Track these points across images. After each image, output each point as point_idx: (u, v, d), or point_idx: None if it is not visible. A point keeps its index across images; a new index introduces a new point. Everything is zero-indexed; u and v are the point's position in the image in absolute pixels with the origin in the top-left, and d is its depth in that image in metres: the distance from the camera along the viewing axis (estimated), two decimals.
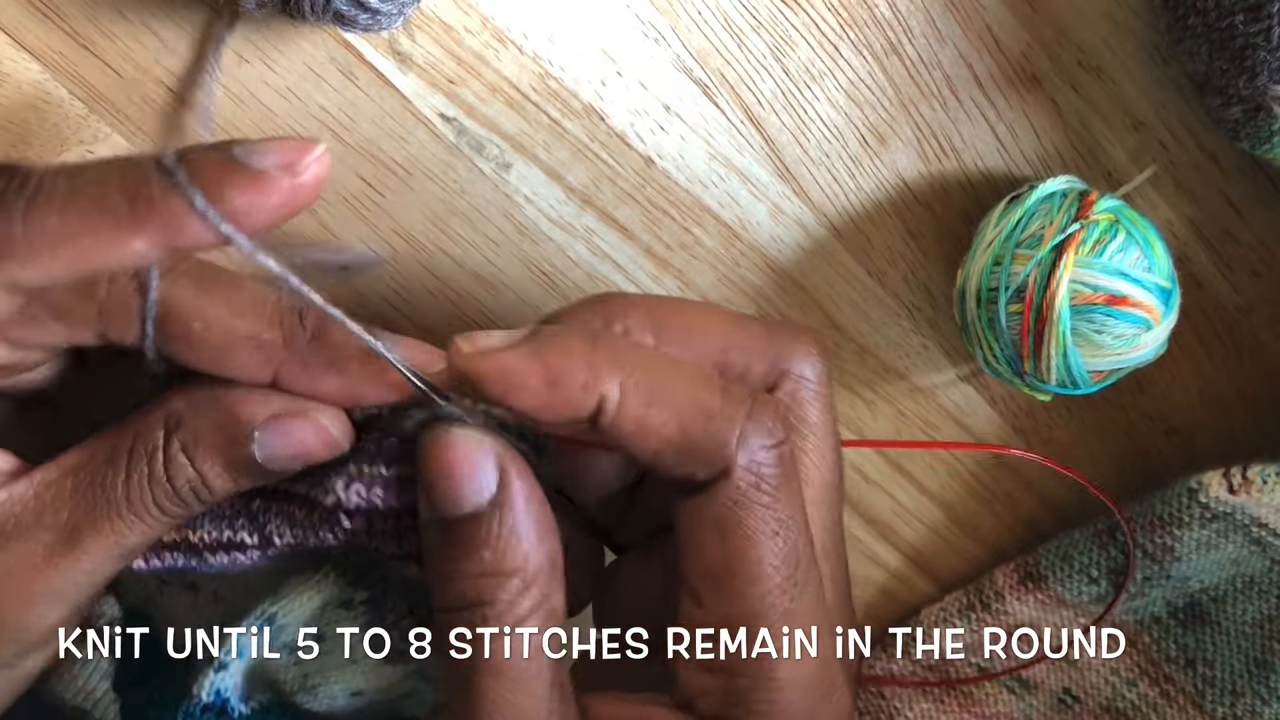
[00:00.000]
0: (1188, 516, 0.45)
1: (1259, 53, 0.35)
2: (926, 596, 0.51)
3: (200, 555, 0.31)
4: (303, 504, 0.30)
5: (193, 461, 0.29)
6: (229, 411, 0.29)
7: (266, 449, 0.29)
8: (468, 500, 0.28)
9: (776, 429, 0.28)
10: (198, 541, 0.31)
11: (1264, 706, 0.47)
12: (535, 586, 0.28)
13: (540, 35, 0.37)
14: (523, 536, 0.28)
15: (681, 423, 0.27)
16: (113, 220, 0.26)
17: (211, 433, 0.29)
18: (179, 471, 0.29)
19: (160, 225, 0.25)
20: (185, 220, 0.25)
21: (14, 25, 0.35)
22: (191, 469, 0.29)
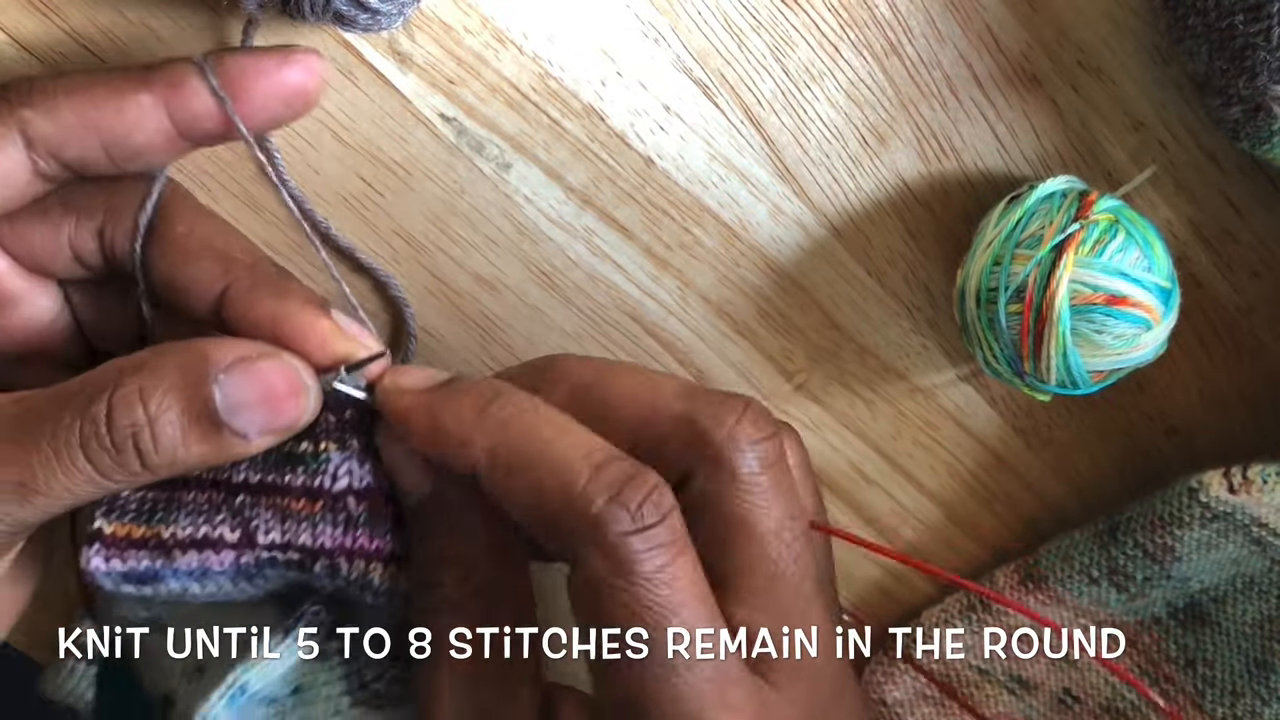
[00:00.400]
0: (1188, 516, 0.45)
1: (1259, 53, 0.35)
2: (926, 596, 0.51)
3: (169, 555, 0.30)
4: (301, 495, 0.30)
5: (145, 403, 0.27)
6: (194, 350, 0.28)
7: (230, 395, 0.28)
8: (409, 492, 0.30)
9: (646, 512, 0.27)
10: (169, 538, 0.30)
11: (1264, 707, 0.47)
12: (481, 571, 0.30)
13: (540, 35, 0.37)
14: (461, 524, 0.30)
15: (539, 498, 0.28)
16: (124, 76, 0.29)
17: (173, 371, 0.28)
18: (125, 413, 0.27)
19: (164, 83, 0.29)
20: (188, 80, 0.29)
21: (14, 25, 0.35)
22: (140, 410, 0.27)
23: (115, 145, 0.29)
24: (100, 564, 0.30)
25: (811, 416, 0.46)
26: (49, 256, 0.32)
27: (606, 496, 0.27)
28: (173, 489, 0.31)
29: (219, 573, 0.30)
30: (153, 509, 0.31)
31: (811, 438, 0.46)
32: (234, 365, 0.28)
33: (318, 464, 0.30)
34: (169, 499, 0.31)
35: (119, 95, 0.29)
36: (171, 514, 0.30)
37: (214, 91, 0.29)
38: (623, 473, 0.27)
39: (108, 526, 0.30)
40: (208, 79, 0.29)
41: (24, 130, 0.29)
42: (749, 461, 0.30)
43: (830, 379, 0.45)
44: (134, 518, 0.30)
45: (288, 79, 0.30)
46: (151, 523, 0.30)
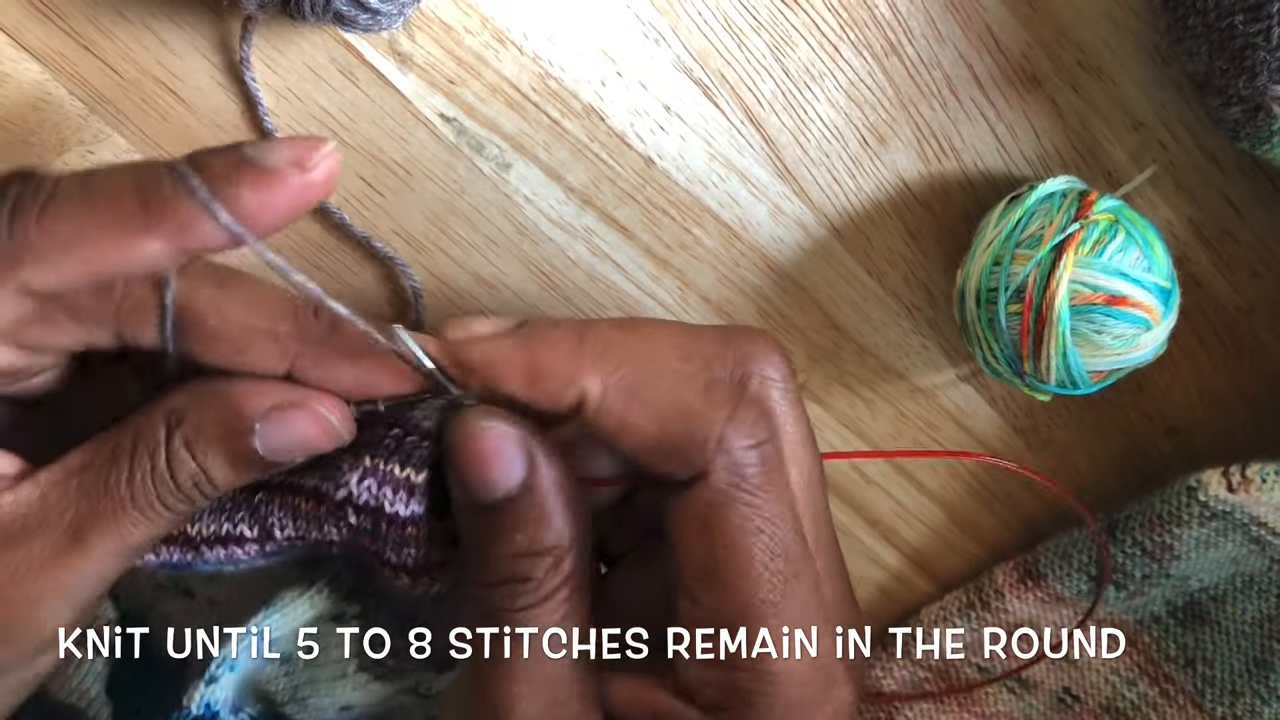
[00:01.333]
0: (1187, 515, 0.45)
1: (1259, 53, 0.35)
2: (926, 596, 0.51)
3: (197, 549, 0.31)
4: (310, 496, 0.30)
5: (194, 456, 0.29)
6: (229, 404, 0.29)
7: (267, 440, 0.29)
8: (499, 486, 0.29)
9: (759, 429, 0.28)
10: (195, 535, 0.31)
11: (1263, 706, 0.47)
12: (567, 562, 0.29)
13: (540, 35, 0.37)
14: (553, 516, 0.29)
15: (661, 422, 0.28)
16: (126, 222, 0.26)
17: (212, 426, 0.29)
18: (181, 466, 0.29)
19: (173, 226, 0.26)
20: (198, 221, 0.26)
21: (14, 25, 0.35)
22: (193, 463, 0.29)
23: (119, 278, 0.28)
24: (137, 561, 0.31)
25: (811, 416, 0.45)
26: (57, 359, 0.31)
27: (725, 414, 0.28)
28: None
29: (245, 560, 0.31)
30: None
31: None
32: (269, 414, 0.29)
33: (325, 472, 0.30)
34: None
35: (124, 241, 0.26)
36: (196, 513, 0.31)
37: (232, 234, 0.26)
38: (730, 391, 0.28)
39: None
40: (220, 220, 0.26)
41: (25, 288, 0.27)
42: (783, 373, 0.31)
43: (830, 379, 0.45)
44: None
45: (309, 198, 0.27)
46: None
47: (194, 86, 0.36)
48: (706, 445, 0.28)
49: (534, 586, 0.29)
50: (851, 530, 0.49)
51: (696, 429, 0.28)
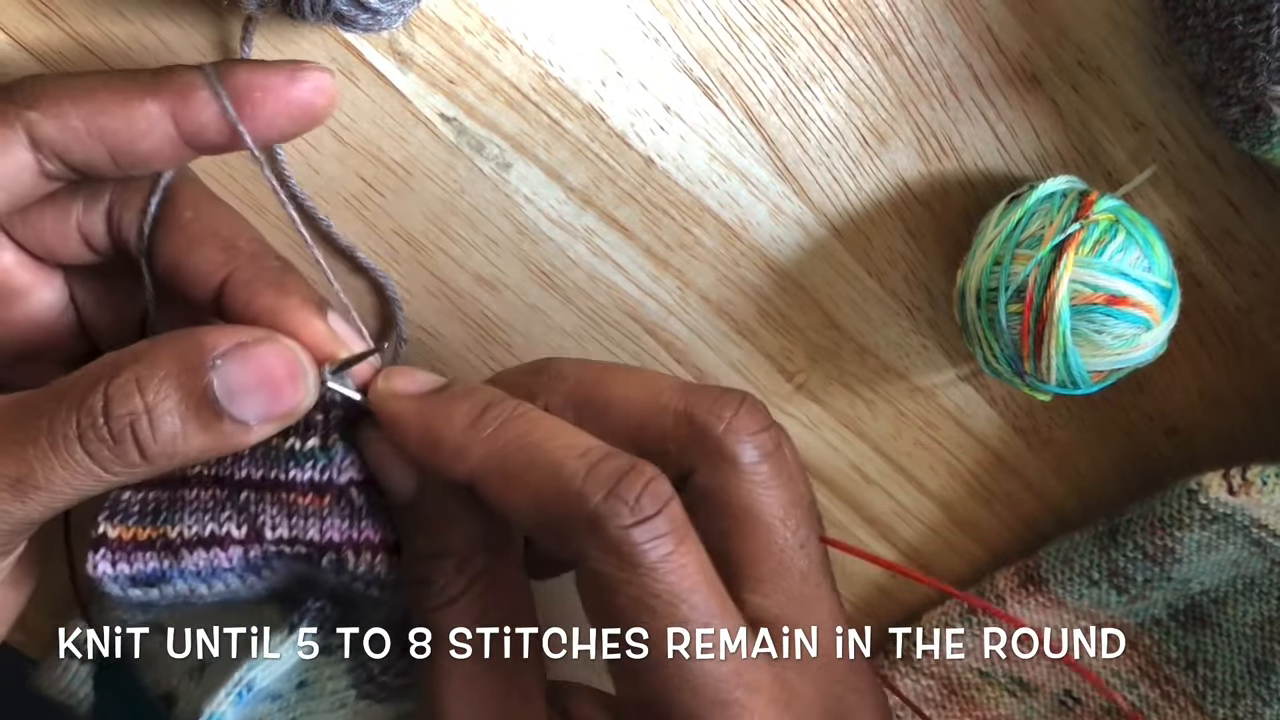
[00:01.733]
0: (1188, 518, 0.45)
1: (1258, 53, 0.35)
2: (926, 597, 0.51)
3: (177, 555, 0.30)
4: (309, 490, 0.30)
5: (143, 392, 0.27)
6: (192, 338, 0.28)
7: (228, 380, 0.27)
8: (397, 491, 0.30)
9: (644, 504, 0.27)
10: (175, 538, 0.30)
11: (1265, 708, 0.47)
12: (472, 564, 0.30)
13: (540, 35, 0.37)
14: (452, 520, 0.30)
15: (537, 502, 0.28)
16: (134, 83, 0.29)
17: (170, 359, 0.28)
18: (122, 402, 0.27)
19: (172, 92, 0.29)
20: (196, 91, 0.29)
21: (14, 25, 0.35)
22: (138, 399, 0.27)
23: (121, 151, 0.29)
24: (107, 568, 0.30)
25: (811, 416, 0.46)
26: (57, 240, 0.32)
27: (603, 492, 0.27)
28: (175, 488, 0.31)
29: (227, 570, 0.30)
30: (157, 510, 0.30)
31: (811, 438, 0.46)
32: (231, 351, 0.28)
33: (327, 458, 0.30)
34: (172, 499, 0.30)
35: (126, 102, 0.29)
36: (176, 514, 0.30)
37: (221, 103, 0.29)
38: (618, 468, 0.28)
39: (112, 530, 0.30)
40: (215, 90, 0.29)
41: (30, 132, 0.29)
42: (749, 452, 0.30)
43: (830, 379, 0.45)
44: (138, 520, 0.30)
45: (297, 95, 0.30)
46: (157, 523, 0.30)
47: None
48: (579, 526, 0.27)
49: (440, 589, 0.30)
50: (851, 530, 0.49)
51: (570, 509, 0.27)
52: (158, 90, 0.29)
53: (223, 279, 0.30)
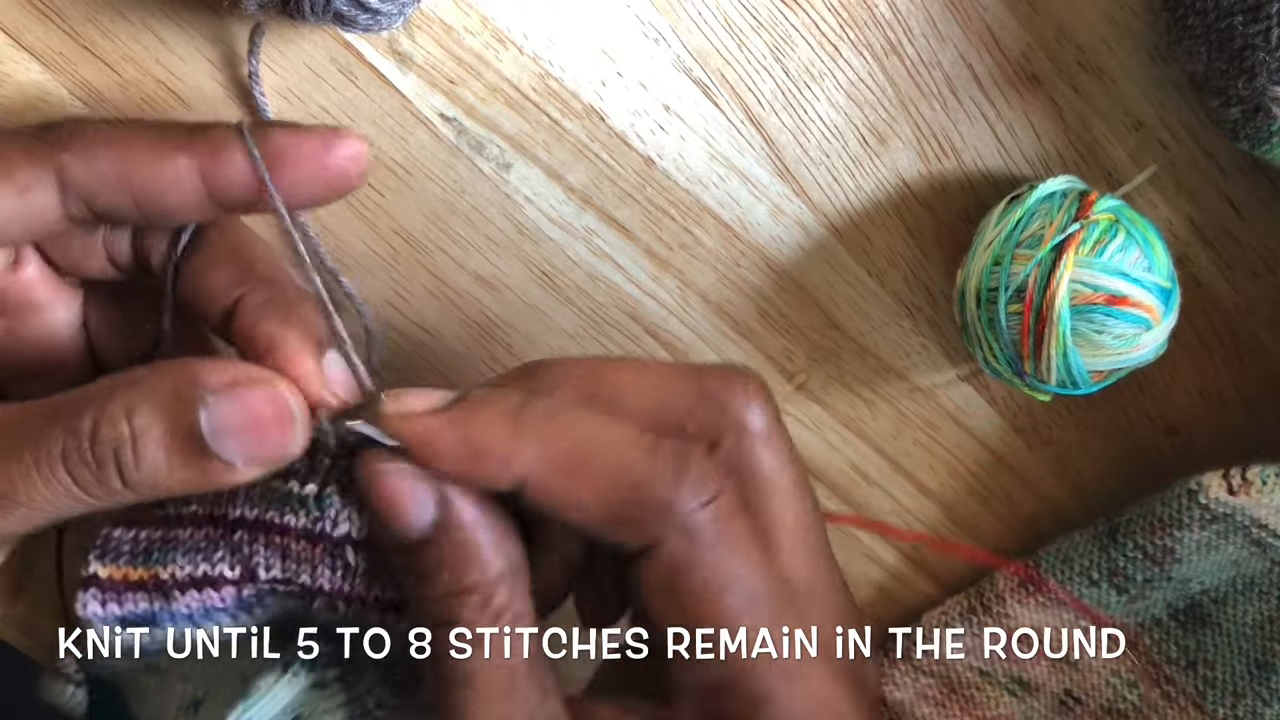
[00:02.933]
0: (1188, 518, 0.45)
1: (1258, 53, 0.35)
2: (926, 597, 0.51)
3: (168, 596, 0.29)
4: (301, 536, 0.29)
5: (131, 420, 0.27)
6: (186, 371, 0.28)
7: (216, 418, 0.27)
8: (412, 526, 0.28)
9: (709, 483, 0.27)
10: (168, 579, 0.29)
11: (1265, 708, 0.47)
12: (497, 597, 0.28)
13: (540, 35, 0.37)
14: (475, 552, 0.28)
15: (605, 496, 0.27)
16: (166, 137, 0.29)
17: (162, 389, 0.27)
18: (110, 428, 0.27)
19: (204, 147, 0.29)
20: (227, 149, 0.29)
21: (14, 25, 0.35)
22: (125, 426, 0.27)
23: (147, 201, 0.29)
24: (97, 609, 0.29)
25: (811, 416, 0.46)
26: (83, 255, 0.32)
27: (672, 476, 0.27)
28: (168, 527, 0.30)
29: (220, 610, 0.30)
30: (149, 549, 0.29)
31: (811, 438, 0.46)
32: (224, 388, 0.27)
33: (320, 508, 0.29)
34: (165, 538, 0.30)
35: (158, 153, 0.29)
36: (169, 554, 0.29)
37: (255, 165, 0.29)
38: (676, 450, 0.28)
39: (103, 570, 0.29)
40: (250, 151, 0.28)
41: (61, 174, 0.28)
42: (764, 420, 0.30)
43: (830, 379, 0.45)
44: (129, 560, 0.29)
45: (332, 163, 0.29)
46: (149, 564, 0.29)
47: (194, 86, 0.36)
48: (654, 515, 0.27)
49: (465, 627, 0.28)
50: (851, 530, 0.49)
51: (642, 499, 0.27)
52: (191, 146, 0.29)
53: (234, 301, 0.30)
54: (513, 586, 0.29)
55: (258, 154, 0.28)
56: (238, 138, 0.29)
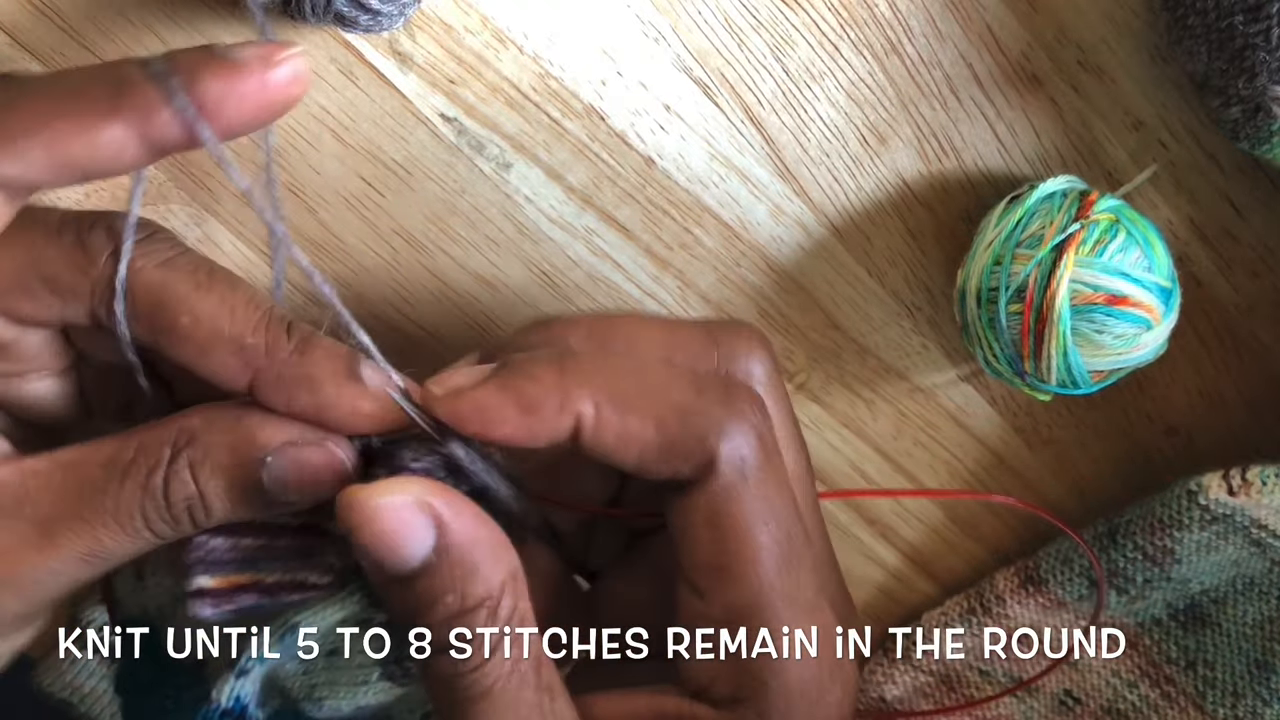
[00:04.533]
0: (1187, 518, 0.45)
1: (1258, 53, 0.35)
2: (927, 597, 0.51)
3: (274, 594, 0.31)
4: None
5: (196, 479, 0.28)
6: (245, 432, 0.28)
7: (276, 474, 0.28)
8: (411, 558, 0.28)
9: (755, 416, 0.29)
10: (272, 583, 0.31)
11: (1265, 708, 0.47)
12: (503, 607, 0.28)
13: (540, 35, 0.37)
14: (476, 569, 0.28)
15: (660, 426, 0.28)
16: (91, 105, 0.26)
17: (223, 451, 0.28)
18: (179, 487, 0.28)
19: (135, 112, 0.26)
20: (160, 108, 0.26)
21: (14, 25, 0.35)
22: (193, 486, 0.28)
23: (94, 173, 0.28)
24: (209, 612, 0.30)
25: (811, 416, 0.46)
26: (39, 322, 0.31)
27: (720, 409, 0.28)
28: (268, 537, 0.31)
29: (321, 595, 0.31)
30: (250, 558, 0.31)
31: (811, 438, 0.46)
32: (283, 448, 0.28)
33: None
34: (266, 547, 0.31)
35: (86, 129, 0.27)
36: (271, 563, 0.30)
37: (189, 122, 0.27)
38: (721, 386, 0.29)
39: (209, 582, 0.30)
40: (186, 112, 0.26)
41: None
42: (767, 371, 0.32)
43: (830, 379, 0.45)
44: (234, 569, 0.31)
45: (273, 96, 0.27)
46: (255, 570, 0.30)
47: None
48: (708, 440, 0.28)
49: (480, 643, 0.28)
50: (851, 530, 0.49)
51: (697, 426, 0.28)
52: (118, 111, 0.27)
53: (246, 384, 0.29)
54: (514, 592, 0.29)
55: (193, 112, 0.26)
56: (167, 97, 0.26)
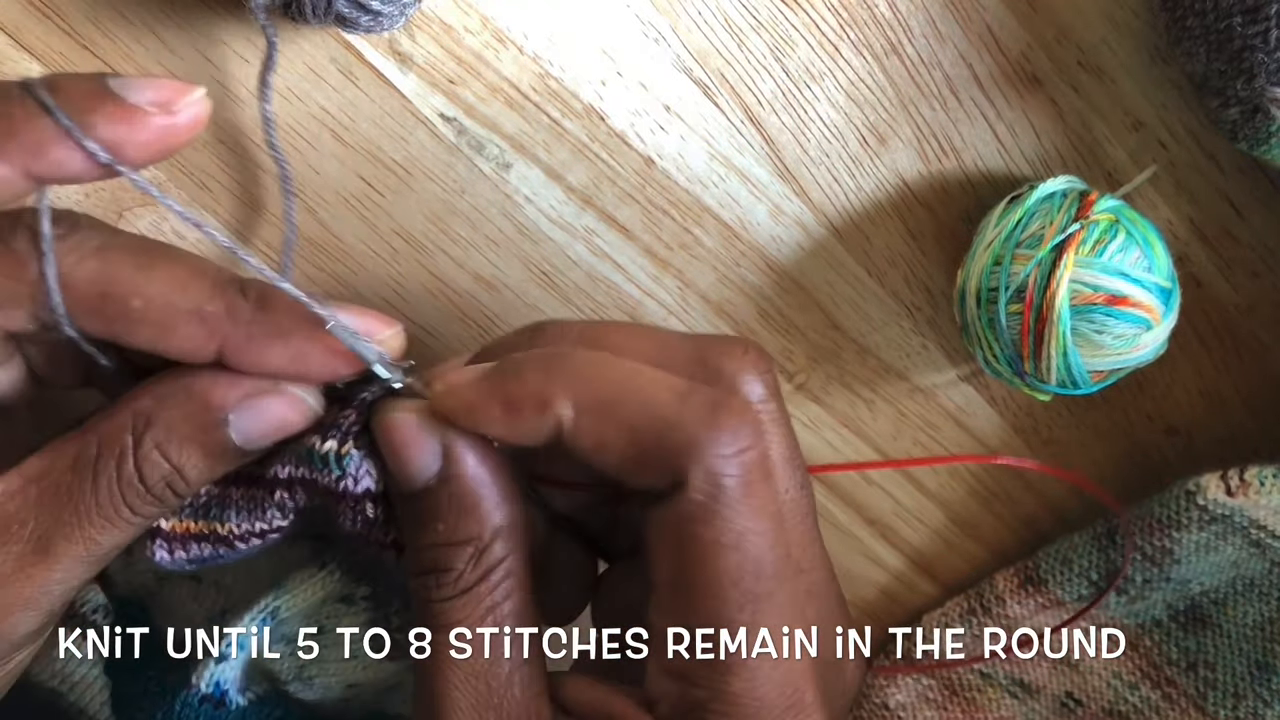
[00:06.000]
0: (1186, 519, 0.45)
1: (1257, 54, 0.35)
2: (927, 597, 0.51)
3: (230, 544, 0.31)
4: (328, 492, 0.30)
5: (168, 457, 0.28)
6: (199, 399, 0.29)
7: (243, 430, 0.29)
8: (417, 476, 0.29)
9: (741, 435, 0.27)
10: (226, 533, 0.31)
11: (1266, 708, 0.47)
12: (491, 552, 0.29)
13: (540, 35, 0.37)
14: (473, 507, 0.29)
15: (636, 434, 0.27)
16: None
17: (183, 423, 0.28)
18: (153, 469, 0.28)
19: (22, 147, 0.25)
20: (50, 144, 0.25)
21: (14, 25, 0.35)
22: (166, 464, 0.28)
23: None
24: (165, 555, 0.31)
25: (811, 416, 0.46)
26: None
27: (703, 421, 0.27)
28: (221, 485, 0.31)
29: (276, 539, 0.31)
30: (206, 505, 0.31)
31: (811, 438, 0.46)
32: (240, 404, 0.29)
33: (342, 468, 0.30)
34: (220, 495, 0.31)
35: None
36: (224, 511, 0.31)
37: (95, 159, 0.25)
38: (710, 396, 0.28)
39: (165, 524, 0.31)
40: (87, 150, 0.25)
41: None
42: (759, 390, 0.31)
43: (830, 379, 0.45)
44: (190, 514, 0.31)
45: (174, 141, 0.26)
46: (208, 519, 0.31)
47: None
48: (683, 454, 0.27)
49: (454, 578, 0.29)
50: (851, 530, 0.49)
51: (672, 438, 0.27)
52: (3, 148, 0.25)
53: (214, 351, 0.29)
54: (508, 543, 0.29)
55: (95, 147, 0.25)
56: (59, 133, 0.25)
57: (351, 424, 0.30)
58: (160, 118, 0.25)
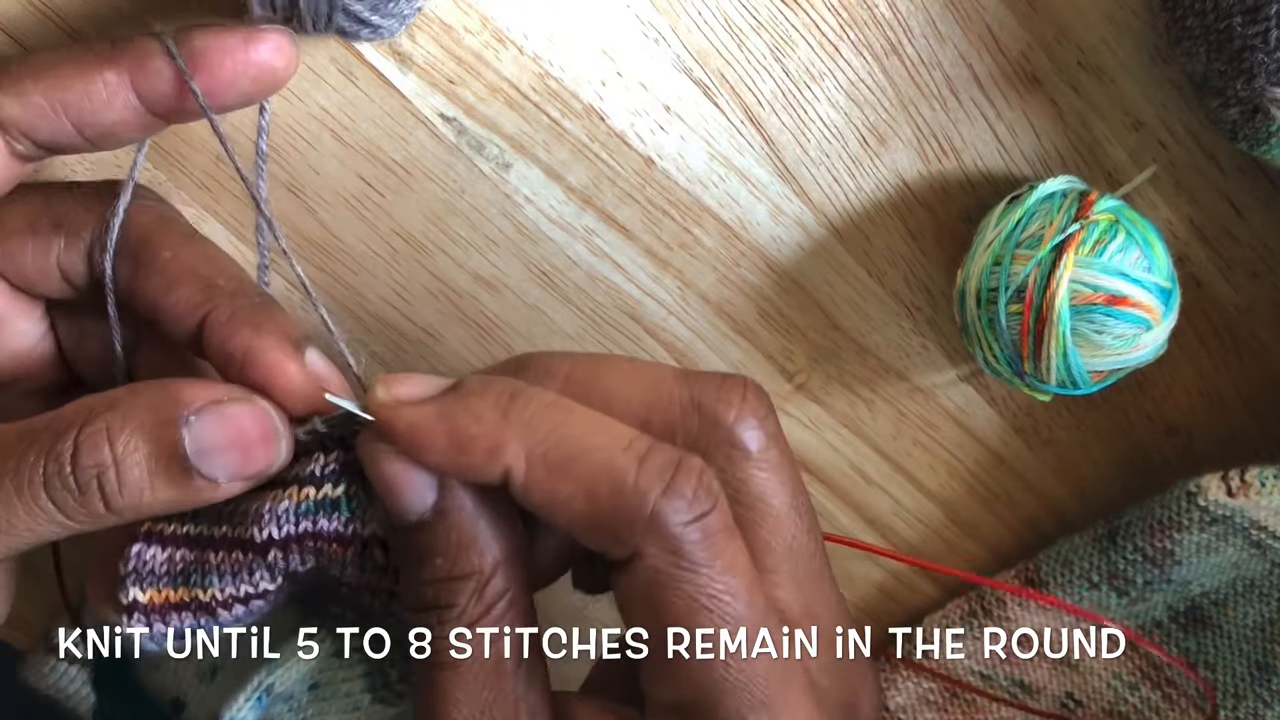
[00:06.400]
0: (1186, 520, 0.45)
1: (1257, 54, 0.35)
2: (927, 598, 0.51)
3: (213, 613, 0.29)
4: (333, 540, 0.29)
5: (112, 443, 0.27)
6: (169, 391, 0.28)
7: (199, 438, 0.27)
8: (410, 509, 0.28)
9: (700, 499, 0.26)
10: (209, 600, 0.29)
11: (1266, 709, 0.47)
12: (492, 586, 0.28)
13: (540, 35, 0.37)
14: (473, 539, 0.28)
15: (590, 497, 0.26)
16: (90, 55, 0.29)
17: (144, 411, 0.27)
18: (89, 452, 0.27)
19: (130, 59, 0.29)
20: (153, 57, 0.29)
21: (14, 25, 0.35)
22: (106, 450, 0.27)
23: (86, 125, 0.29)
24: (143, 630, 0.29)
25: (811, 416, 0.46)
26: (38, 275, 0.32)
27: (660, 487, 0.26)
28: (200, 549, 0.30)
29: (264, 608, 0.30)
30: (185, 572, 0.29)
31: (811, 438, 0.46)
32: (205, 408, 0.27)
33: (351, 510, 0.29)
34: (199, 560, 0.29)
35: (85, 75, 0.29)
36: (206, 577, 0.29)
37: (178, 68, 0.29)
38: (668, 460, 0.26)
39: (142, 595, 0.29)
40: (172, 54, 0.29)
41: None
42: (758, 438, 0.29)
43: (830, 379, 0.45)
44: (168, 582, 0.29)
45: (255, 57, 0.30)
46: (188, 585, 0.29)
47: None
48: (637, 525, 0.26)
49: (457, 614, 0.28)
50: (851, 530, 0.49)
51: (627, 507, 0.26)
52: (115, 60, 0.29)
53: (201, 318, 0.30)
54: (509, 574, 0.28)
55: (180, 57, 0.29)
56: (160, 45, 0.29)
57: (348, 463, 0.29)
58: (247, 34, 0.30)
